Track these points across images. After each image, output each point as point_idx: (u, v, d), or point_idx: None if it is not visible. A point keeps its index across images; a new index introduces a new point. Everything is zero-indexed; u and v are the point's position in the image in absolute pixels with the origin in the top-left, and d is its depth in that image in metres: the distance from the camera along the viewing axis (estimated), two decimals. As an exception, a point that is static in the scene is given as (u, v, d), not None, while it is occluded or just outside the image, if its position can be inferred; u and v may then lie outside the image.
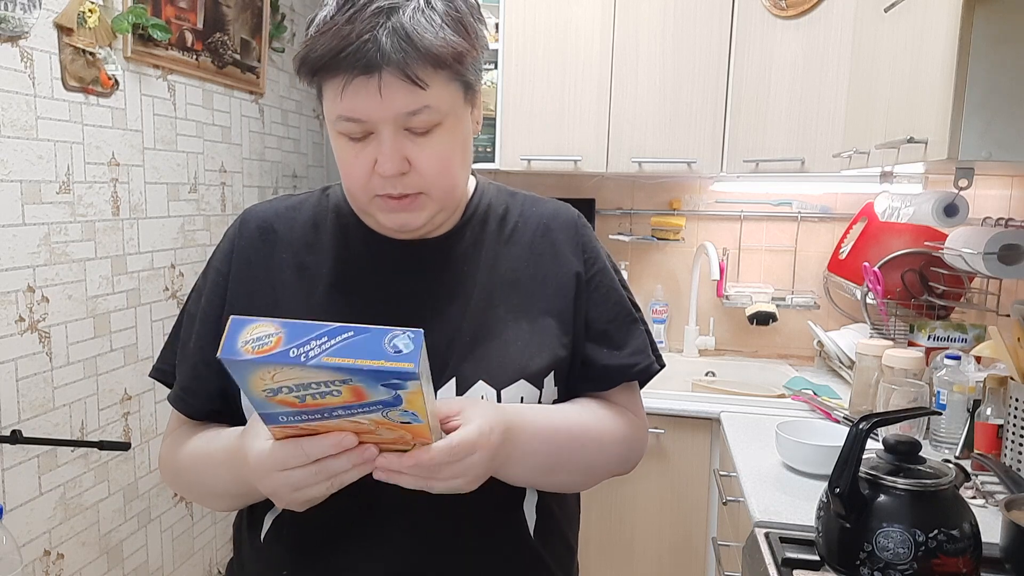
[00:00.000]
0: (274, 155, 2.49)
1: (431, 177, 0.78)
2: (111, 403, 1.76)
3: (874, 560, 0.97)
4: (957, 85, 1.16)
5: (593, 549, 2.07)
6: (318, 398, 0.61)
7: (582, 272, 0.89)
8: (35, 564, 1.55)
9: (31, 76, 1.48)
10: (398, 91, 0.72)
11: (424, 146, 0.76)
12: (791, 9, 2.04)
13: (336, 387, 0.60)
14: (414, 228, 0.82)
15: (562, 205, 0.95)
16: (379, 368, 0.58)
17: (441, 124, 0.77)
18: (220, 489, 0.82)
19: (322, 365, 0.58)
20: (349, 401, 0.62)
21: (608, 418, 0.88)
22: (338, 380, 0.59)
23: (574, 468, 0.85)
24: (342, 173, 0.80)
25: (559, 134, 2.27)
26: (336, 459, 0.66)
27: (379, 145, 0.75)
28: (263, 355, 0.58)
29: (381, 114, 0.74)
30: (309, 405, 0.62)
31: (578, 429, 0.84)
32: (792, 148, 2.07)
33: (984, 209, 1.85)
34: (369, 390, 0.60)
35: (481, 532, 0.82)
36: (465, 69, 0.77)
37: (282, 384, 0.60)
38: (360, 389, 0.60)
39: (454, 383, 0.81)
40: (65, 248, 1.60)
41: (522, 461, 0.78)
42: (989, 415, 1.46)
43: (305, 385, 0.60)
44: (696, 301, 2.51)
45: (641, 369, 0.90)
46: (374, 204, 0.80)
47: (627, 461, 0.92)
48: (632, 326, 0.91)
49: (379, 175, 0.76)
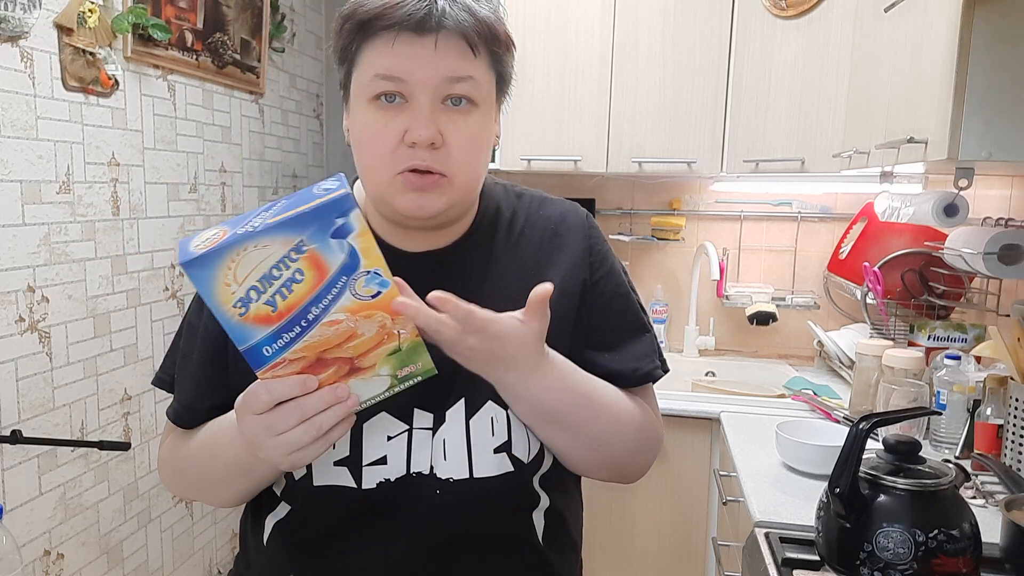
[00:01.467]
0: (274, 155, 2.49)
1: (459, 158, 0.75)
2: (111, 403, 1.76)
3: (874, 560, 0.97)
4: (957, 85, 1.16)
5: (593, 548, 2.07)
6: (287, 294, 0.62)
7: (588, 277, 0.87)
8: (35, 564, 1.55)
9: (31, 76, 1.48)
10: (453, 52, 0.72)
11: (459, 123, 0.75)
12: (791, 9, 2.04)
13: (295, 263, 0.61)
14: (430, 214, 0.77)
15: (571, 206, 0.92)
16: (318, 206, 0.60)
17: (477, 107, 0.76)
18: (224, 471, 0.80)
19: (269, 227, 0.60)
20: (315, 285, 0.62)
21: (627, 402, 0.85)
22: (292, 252, 0.61)
23: (583, 431, 0.80)
24: (366, 148, 0.76)
25: (559, 134, 2.27)
26: (308, 399, 0.65)
27: (413, 112, 0.73)
28: (216, 245, 0.60)
29: (428, 73, 0.72)
30: (282, 313, 0.63)
31: (600, 396, 0.81)
32: (792, 148, 2.07)
33: (984, 209, 1.85)
34: (324, 252, 0.61)
35: (489, 538, 0.81)
36: (506, 60, 0.78)
37: (247, 283, 0.61)
38: (317, 256, 0.61)
39: (463, 404, 0.79)
40: (65, 248, 1.60)
41: (539, 389, 0.75)
42: (989, 415, 1.46)
43: (268, 276, 0.61)
44: (696, 301, 2.51)
45: (644, 374, 0.87)
46: (395, 184, 0.76)
47: (640, 452, 0.88)
48: (638, 330, 0.89)
49: (408, 145, 0.73)
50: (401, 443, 0.78)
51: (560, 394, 0.76)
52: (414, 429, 0.79)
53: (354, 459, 0.78)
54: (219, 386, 0.82)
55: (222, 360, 0.82)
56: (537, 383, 0.74)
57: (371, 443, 0.78)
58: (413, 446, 0.78)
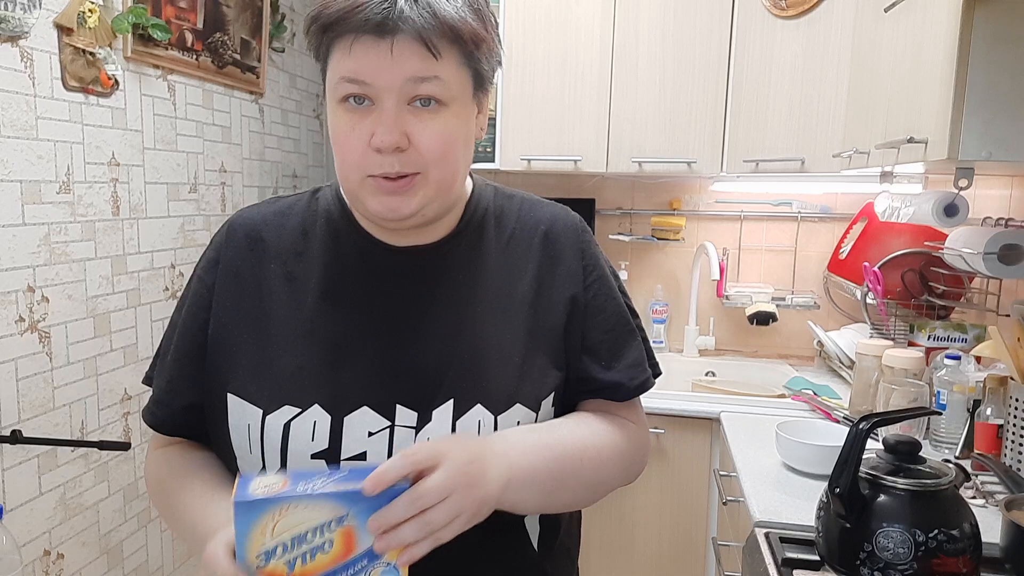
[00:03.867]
0: (274, 155, 2.49)
1: (430, 157, 0.74)
2: (111, 403, 1.76)
3: (874, 560, 0.97)
4: (957, 85, 1.16)
5: (593, 549, 2.07)
6: (308, 560, 0.64)
7: (580, 283, 0.86)
8: (35, 564, 1.55)
9: (31, 76, 1.48)
10: (411, 55, 0.70)
11: (428, 123, 0.73)
12: (791, 9, 2.04)
13: (330, 533, 0.64)
14: (404, 215, 0.76)
15: (562, 209, 0.91)
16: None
17: (447, 107, 0.74)
18: (179, 534, 0.82)
19: (325, 495, 0.63)
20: (337, 559, 0.64)
21: (606, 432, 0.85)
22: (333, 523, 0.64)
23: (577, 485, 0.81)
24: (336, 149, 0.76)
25: (559, 134, 2.27)
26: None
27: (379, 115, 0.72)
28: (273, 495, 0.63)
29: (389, 77, 0.71)
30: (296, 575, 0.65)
31: (576, 446, 0.81)
32: (792, 148, 2.07)
33: (984, 209, 1.85)
34: (359, 531, 0.64)
35: (485, 545, 0.80)
36: (480, 56, 0.75)
37: (280, 539, 0.63)
38: (351, 533, 0.64)
39: (451, 405, 0.78)
40: (65, 248, 1.60)
41: (523, 484, 0.74)
42: (989, 415, 1.46)
43: (301, 537, 0.64)
44: (696, 301, 2.51)
45: (637, 386, 0.87)
46: (366, 186, 0.75)
47: (630, 473, 0.89)
48: (629, 338, 0.88)
49: (375, 149, 0.72)
50: (382, 440, 0.77)
51: (544, 463, 0.76)
52: (396, 426, 0.77)
53: (332, 452, 0.76)
54: (190, 383, 0.83)
55: (199, 357, 0.83)
56: (520, 479, 0.73)
57: (351, 438, 0.77)
58: (395, 444, 0.77)
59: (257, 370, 0.79)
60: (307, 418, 0.77)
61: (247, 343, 0.81)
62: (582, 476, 0.81)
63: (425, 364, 0.79)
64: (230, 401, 0.79)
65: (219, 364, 0.81)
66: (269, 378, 0.79)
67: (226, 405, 0.80)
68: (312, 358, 0.79)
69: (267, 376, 0.79)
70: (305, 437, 0.76)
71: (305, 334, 0.80)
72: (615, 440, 0.85)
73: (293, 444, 0.76)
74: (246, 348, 0.80)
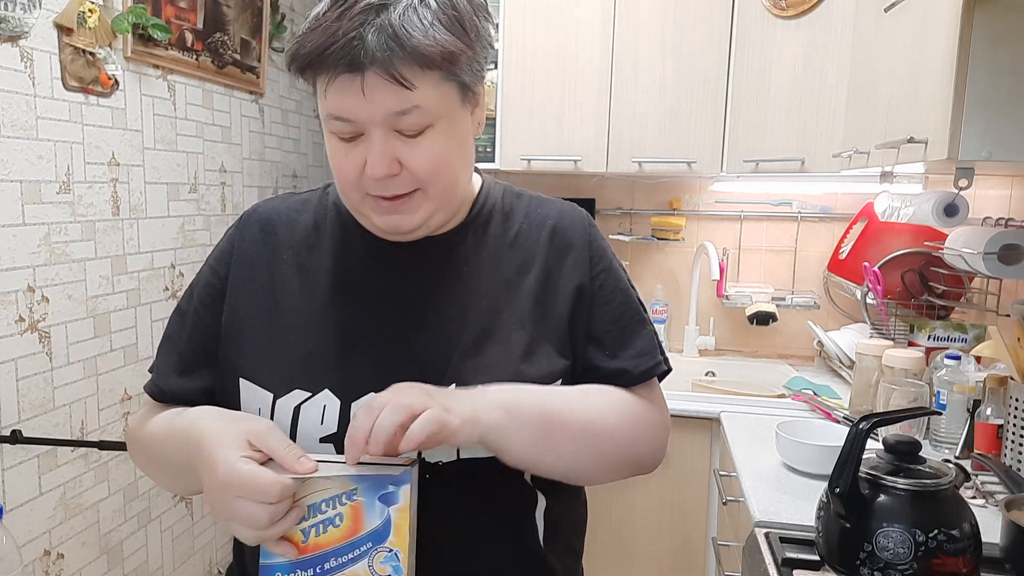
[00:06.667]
0: (274, 155, 2.49)
1: (425, 175, 0.76)
2: (111, 403, 1.76)
3: (874, 560, 0.97)
4: (957, 85, 1.16)
5: (593, 549, 2.06)
6: (321, 531, 0.69)
7: (587, 273, 0.87)
8: (35, 564, 1.55)
9: (31, 76, 1.48)
10: (383, 91, 0.71)
11: (416, 147, 0.74)
12: (791, 9, 2.04)
13: (341, 507, 0.69)
14: (407, 230, 0.79)
15: (569, 205, 0.92)
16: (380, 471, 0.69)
17: (433, 126, 0.75)
18: (171, 466, 0.82)
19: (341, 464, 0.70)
20: (346, 536, 0.69)
21: (605, 390, 0.84)
22: (344, 496, 0.69)
23: (572, 431, 0.79)
24: (333, 173, 0.79)
25: (559, 134, 2.27)
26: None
27: (369, 146, 0.74)
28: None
29: (367, 114, 0.72)
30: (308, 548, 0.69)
31: (566, 392, 0.81)
32: (792, 148, 2.07)
33: (984, 209, 1.85)
34: (367, 509, 0.69)
35: (490, 540, 0.81)
36: (459, 70, 0.75)
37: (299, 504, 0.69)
38: (359, 510, 0.69)
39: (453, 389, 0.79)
40: (65, 248, 1.60)
41: (502, 410, 0.74)
42: (989, 415, 1.46)
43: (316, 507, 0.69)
44: (696, 301, 2.51)
45: (642, 372, 0.86)
46: (366, 204, 0.78)
47: (639, 441, 0.86)
48: (637, 328, 0.88)
49: (369, 177, 0.75)
50: None
51: (533, 408, 0.77)
52: None
53: (341, 437, 0.76)
54: (201, 368, 0.85)
55: (212, 342, 0.85)
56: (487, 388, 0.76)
57: None
58: None
59: (268, 356, 0.81)
60: (317, 402, 0.79)
61: (259, 330, 0.83)
62: (575, 418, 0.80)
63: (430, 351, 0.81)
64: (242, 386, 0.81)
65: (232, 351, 0.83)
66: (280, 363, 0.81)
67: (239, 390, 0.81)
68: (322, 345, 0.81)
69: (278, 361, 0.81)
70: (314, 421, 0.79)
71: (316, 323, 0.82)
72: (615, 397, 0.84)
73: (303, 428, 0.78)
74: (258, 335, 0.83)
